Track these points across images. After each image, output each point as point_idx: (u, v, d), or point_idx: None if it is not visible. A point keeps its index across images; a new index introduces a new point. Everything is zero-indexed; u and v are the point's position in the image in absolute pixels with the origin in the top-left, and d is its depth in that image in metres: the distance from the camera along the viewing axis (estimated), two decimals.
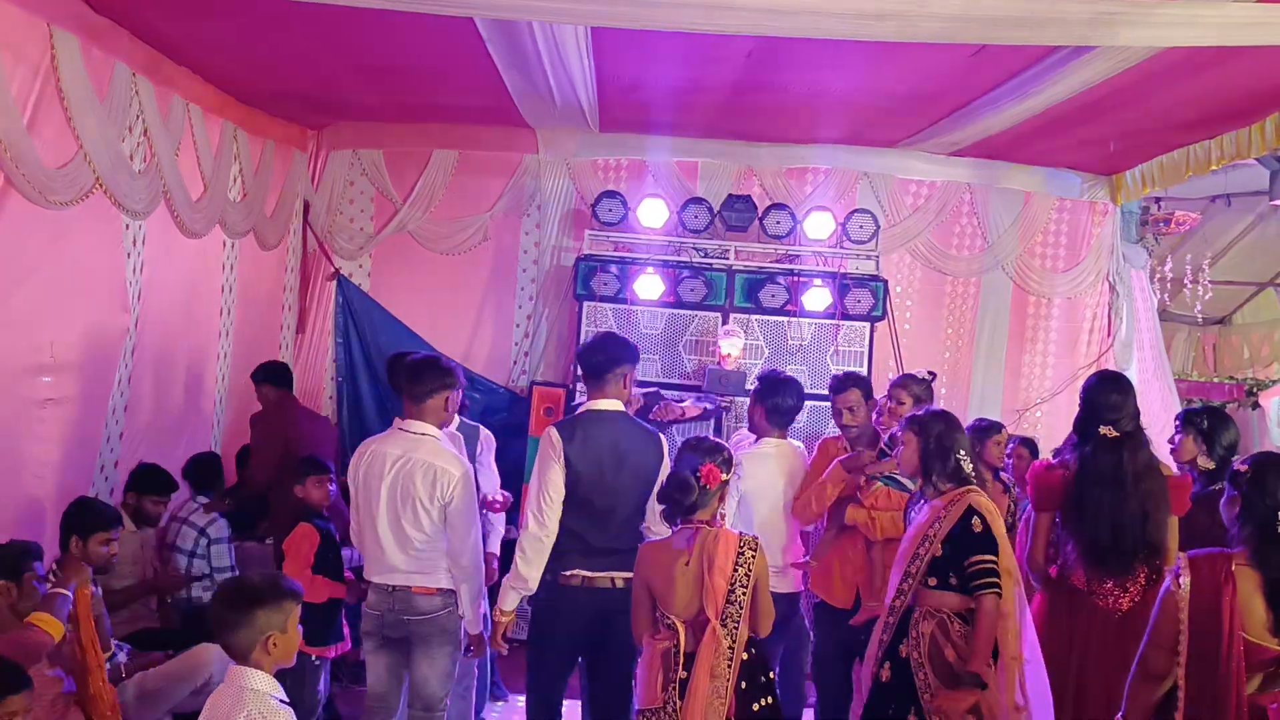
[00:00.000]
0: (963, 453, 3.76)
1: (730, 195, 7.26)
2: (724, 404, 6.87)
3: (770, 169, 7.64)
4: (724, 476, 3.53)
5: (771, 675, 3.56)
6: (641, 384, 6.81)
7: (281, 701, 2.79)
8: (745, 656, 3.41)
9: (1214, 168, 6.37)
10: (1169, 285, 9.49)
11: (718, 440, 3.87)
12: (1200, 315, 10.04)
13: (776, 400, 4.85)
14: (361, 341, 7.72)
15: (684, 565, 3.42)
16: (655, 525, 3.93)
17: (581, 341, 6.89)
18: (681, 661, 3.36)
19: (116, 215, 5.18)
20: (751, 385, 5.30)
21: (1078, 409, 4.15)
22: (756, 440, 5.02)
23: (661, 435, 4.16)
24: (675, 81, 6.11)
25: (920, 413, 3.96)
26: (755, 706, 3.43)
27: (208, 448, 6.36)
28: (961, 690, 3.53)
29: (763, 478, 4.76)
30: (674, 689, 3.34)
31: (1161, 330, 8.60)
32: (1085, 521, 3.93)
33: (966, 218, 7.84)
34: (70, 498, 4.71)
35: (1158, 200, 8.71)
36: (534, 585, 3.98)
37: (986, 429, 5.26)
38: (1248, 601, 2.80)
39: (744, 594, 3.35)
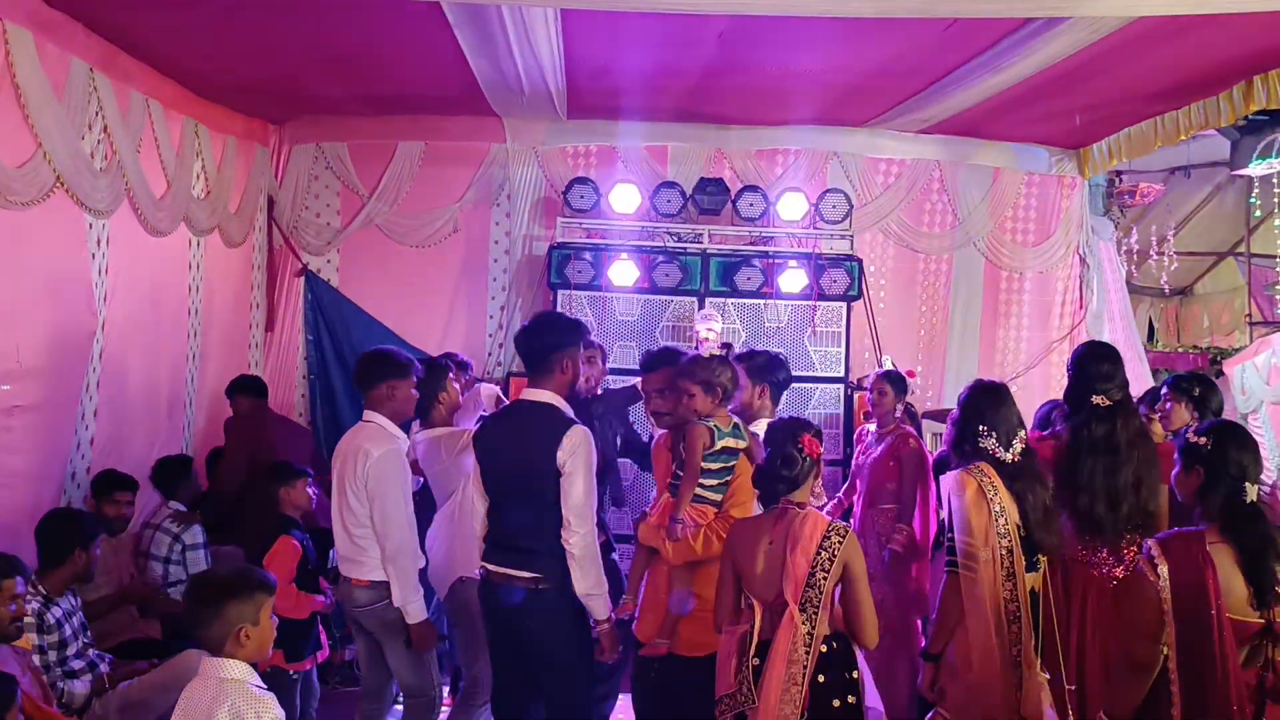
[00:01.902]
0: (983, 428, 3.62)
1: (702, 178, 7.23)
2: None
3: (740, 151, 7.61)
4: (821, 448, 3.40)
5: (856, 674, 3.32)
6: (619, 371, 6.77)
7: (259, 688, 2.77)
8: (825, 649, 3.21)
9: (1182, 137, 6.43)
10: (1135, 257, 9.58)
11: (804, 418, 3.60)
12: (1166, 286, 10.14)
13: (780, 375, 4.55)
14: (332, 338, 7.60)
15: (768, 543, 3.30)
16: (568, 529, 3.61)
17: None
18: (755, 647, 3.22)
19: (79, 215, 5.04)
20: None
21: (1068, 380, 4.14)
22: None
23: (582, 430, 3.69)
24: (646, 65, 6.04)
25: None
26: (836, 703, 3.23)
27: (179, 450, 6.23)
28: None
29: None
30: (748, 673, 3.20)
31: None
32: (1080, 491, 3.92)
33: (937, 195, 7.87)
34: (42, 506, 4.62)
35: (1119, 173, 8.79)
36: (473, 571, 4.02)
37: None
38: (1227, 579, 2.73)
39: (825, 579, 3.17)
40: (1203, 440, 2.92)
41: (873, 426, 5.60)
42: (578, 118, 7.36)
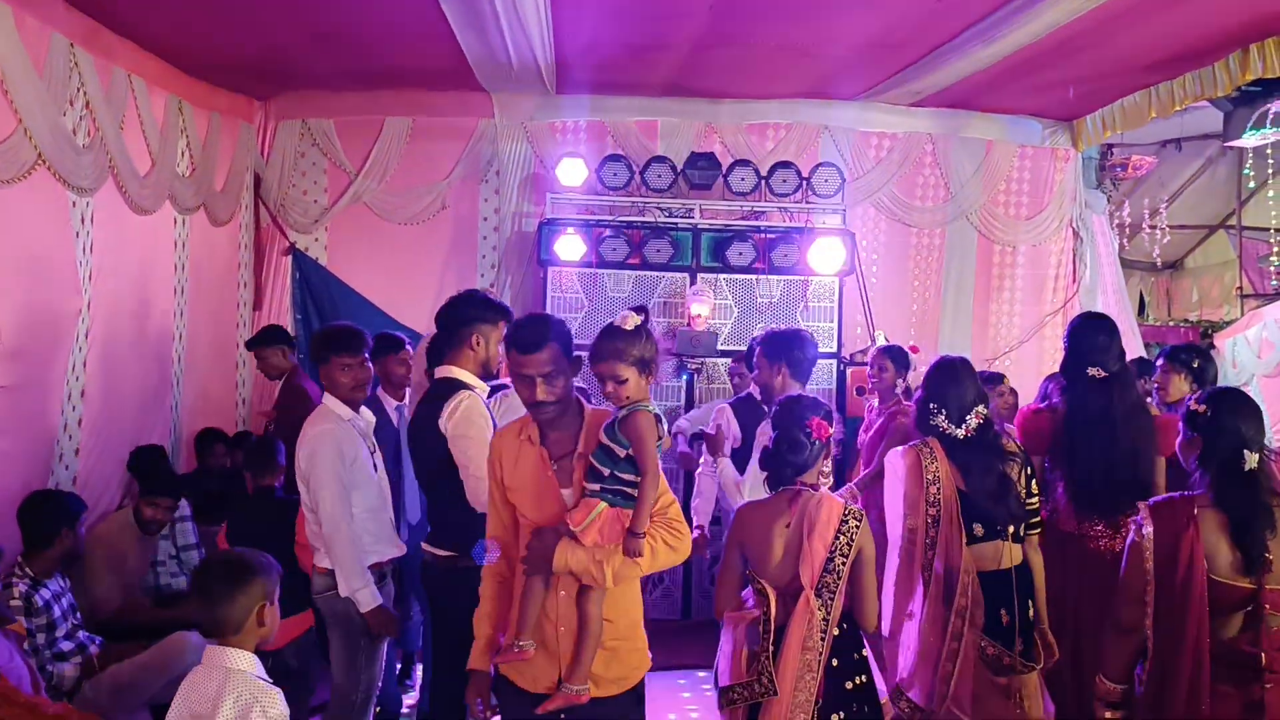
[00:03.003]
0: (933, 405, 3.55)
1: (693, 153, 7.16)
2: (694, 366, 6.80)
3: (731, 125, 7.55)
4: (831, 430, 3.31)
5: (865, 653, 3.24)
6: None
7: (265, 680, 2.69)
8: (836, 631, 3.11)
9: (1177, 108, 6.38)
10: (1126, 230, 9.55)
11: (814, 397, 3.48)
12: (1159, 259, 10.12)
13: (797, 353, 4.39)
14: (321, 316, 7.52)
15: (784, 527, 3.19)
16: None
17: (547, 308, 6.78)
18: (772, 634, 3.10)
19: (62, 193, 4.96)
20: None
21: (1064, 352, 4.11)
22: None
23: (467, 394, 3.57)
24: (635, 38, 5.96)
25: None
26: (848, 685, 3.16)
27: (167, 431, 6.18)
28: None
29: None
30: (767, 661, 3.08)
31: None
32: (1077, 463, 3.89)
33: (929, 168, 7.82)
34: (29, 488, 4.56)
35: (1111, 146, 8.75)
36: None
37: (985, 380, 5.15)
38: (1213, 543, 2.74)
39: (843, 564, 3.09)
40: (1202, 408, 2.91)
41: (876, 402, 5.54)
42: (566, 92, 7.28)
